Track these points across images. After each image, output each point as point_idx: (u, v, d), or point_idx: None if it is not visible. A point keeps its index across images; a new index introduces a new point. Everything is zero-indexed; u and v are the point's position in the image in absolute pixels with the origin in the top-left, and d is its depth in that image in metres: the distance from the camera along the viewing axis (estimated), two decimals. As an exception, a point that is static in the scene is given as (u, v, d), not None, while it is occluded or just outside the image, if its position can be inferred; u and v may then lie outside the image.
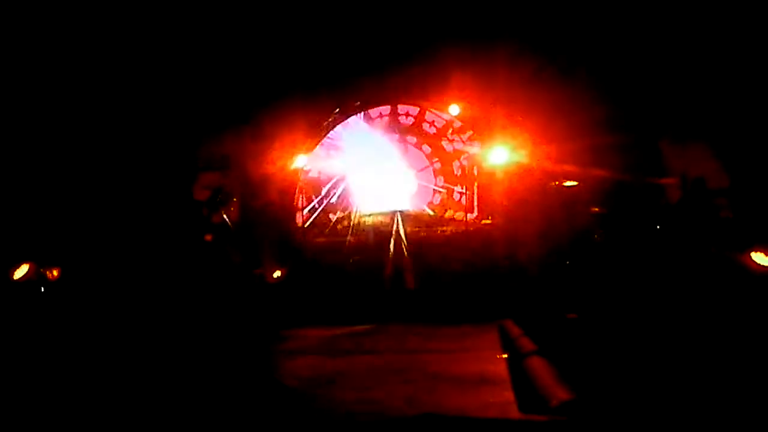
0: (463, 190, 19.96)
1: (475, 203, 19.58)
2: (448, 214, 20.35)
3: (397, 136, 19.29)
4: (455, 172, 20.46)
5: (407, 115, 19.51)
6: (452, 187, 20.52)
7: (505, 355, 9.44)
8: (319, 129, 17.03)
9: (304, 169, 17.51)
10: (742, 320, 10.13)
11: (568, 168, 14.76)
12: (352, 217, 18.97)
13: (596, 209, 14.77)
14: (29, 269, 13.26)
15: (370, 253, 17.57)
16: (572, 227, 14.79)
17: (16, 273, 13.04)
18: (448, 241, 18.18)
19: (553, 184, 15.24)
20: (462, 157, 19.72)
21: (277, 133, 15.88)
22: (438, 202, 20.63)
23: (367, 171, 19.54)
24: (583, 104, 14.04)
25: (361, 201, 19.57)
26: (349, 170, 19.34)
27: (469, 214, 19.24)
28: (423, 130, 19.65)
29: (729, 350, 9.02)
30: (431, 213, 20.44)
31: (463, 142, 18.28)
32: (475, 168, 19.14)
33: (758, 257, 11.49)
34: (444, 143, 19.30)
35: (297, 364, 9.38)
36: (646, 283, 12.30)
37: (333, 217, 18.63)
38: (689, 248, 12.80)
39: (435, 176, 20.63)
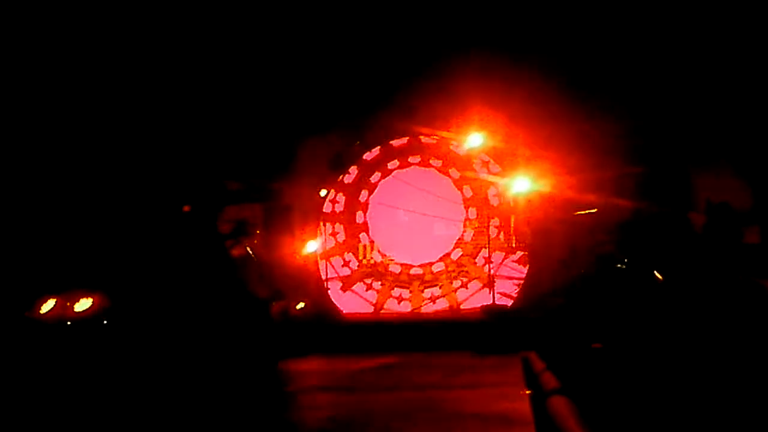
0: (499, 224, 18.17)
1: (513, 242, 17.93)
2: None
3: (418, 158, 18.36)
4: (491, 202, 18.32)
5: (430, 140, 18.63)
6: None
7: (528, 392, 9.35)
8: (341, 161, 17.13)
9: (328, 200, 17.54)
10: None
11: (591, 197, 14.71)
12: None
13: (618, 236, 14.67)
14: (56, 303, 13.37)
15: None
16: (595, 255, 14.69)
17: (42, 307, 13.12)
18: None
19: (576, 213, 15.18)
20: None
21: (300, 166, 16.05)
22: (470, 239, 18.58)
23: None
24: (606, 134, 14.02)
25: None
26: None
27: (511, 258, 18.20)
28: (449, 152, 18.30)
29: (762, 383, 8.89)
30: None
31: (489, 171, 17.59)
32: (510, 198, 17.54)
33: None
34: (476, 165, 17.91)
35: (317, 400, 9.37)
36: (672, 311, 12.17)
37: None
38: (715, 275, 12.67)
39: (466, 207, 18.54)
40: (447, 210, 18.07)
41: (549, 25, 14.38)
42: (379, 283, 17.82)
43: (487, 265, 17.45)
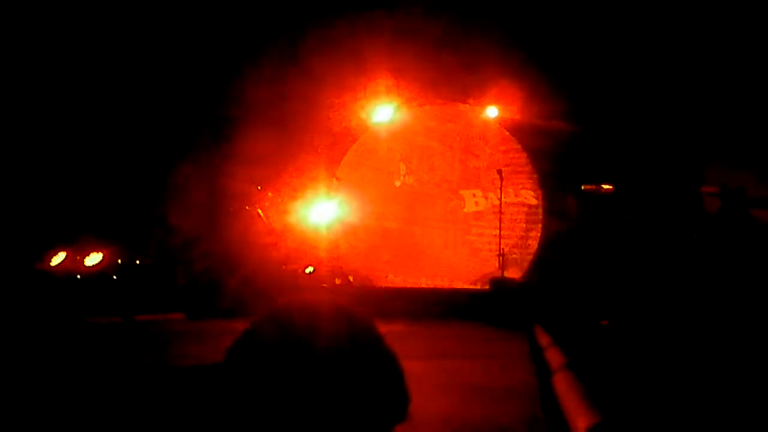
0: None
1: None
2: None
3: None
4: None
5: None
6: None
7: (532, 366, 9.39)
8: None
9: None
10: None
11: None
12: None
13: (631, 216, 14.63)
14: (66, 256, 13.44)
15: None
16: (606, 233, 14.67)
17: (53, 260, 13.20)
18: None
19: (588, 187, 15.11)
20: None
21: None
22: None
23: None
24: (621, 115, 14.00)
25: None
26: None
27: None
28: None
29: None
30: None
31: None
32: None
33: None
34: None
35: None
36: (682, 292, 12.16)
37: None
38: (727, 258, 12.64)
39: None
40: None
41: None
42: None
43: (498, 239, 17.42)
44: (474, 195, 17.76)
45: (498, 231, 16.76)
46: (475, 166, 17.66)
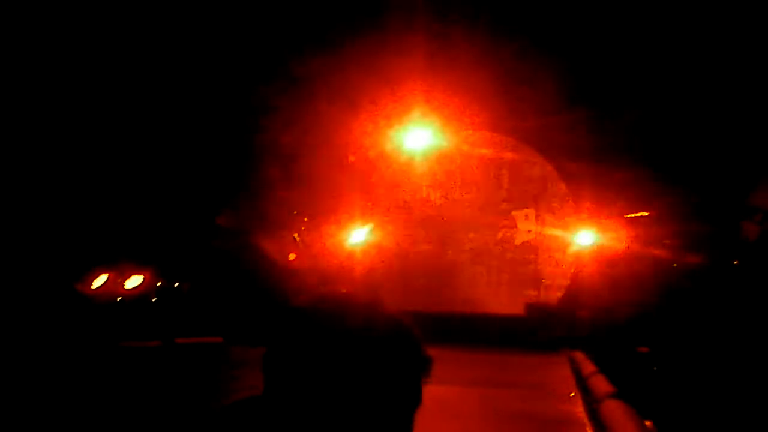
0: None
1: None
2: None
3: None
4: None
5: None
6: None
7: (573, 394, 9.32)
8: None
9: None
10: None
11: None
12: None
13: (669, 241, 14.52)
14: (107, 279, 13.39)
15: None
16: (645, 258, 14.56)
17: (94, 282, 13.13)
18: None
19: (627, 216, 15.04)
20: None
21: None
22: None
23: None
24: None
25: None
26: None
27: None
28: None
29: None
30: None
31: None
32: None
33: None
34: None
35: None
36: (722, 318, 12.03)
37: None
38: (764, 285, 12.50)
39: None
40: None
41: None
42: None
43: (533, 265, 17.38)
44: (526, 217, 17.67)
45: (536, 256, 16.82)
46: (525, 189, 17.65)
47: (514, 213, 18.01)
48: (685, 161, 13.96)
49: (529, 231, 17.54)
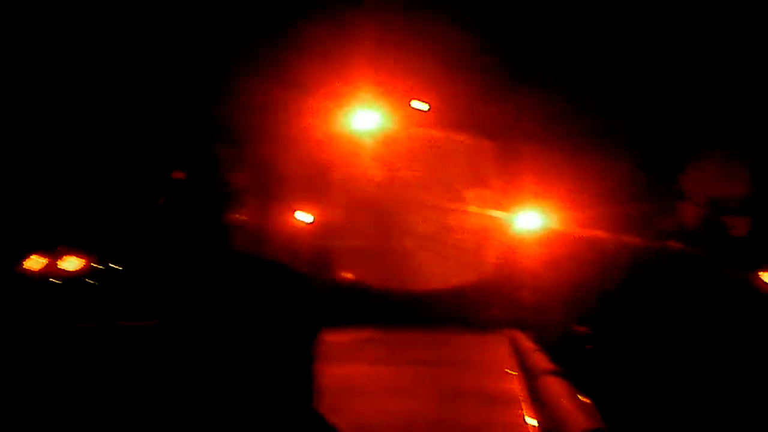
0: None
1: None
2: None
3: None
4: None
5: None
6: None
7: (515, 372, 9.48)
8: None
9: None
10: (748, 337, 10.22)
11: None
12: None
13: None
14: (44, 261, 13.25)
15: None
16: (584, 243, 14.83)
17: (31, 264, 12.99)
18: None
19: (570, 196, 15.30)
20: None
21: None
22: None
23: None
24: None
25: None
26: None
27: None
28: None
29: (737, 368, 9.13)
30: None
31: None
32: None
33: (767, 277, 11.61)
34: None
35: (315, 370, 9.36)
36: (657, 300, 12.35)
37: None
38: (701, 267, 12.86)
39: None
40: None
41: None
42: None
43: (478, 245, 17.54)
44: (473, 197, 17.72)
45: (481, 237, 16.97)
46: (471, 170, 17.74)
47: (460, 194, 18.14)
48: (625, 143, 14.26)
49: (475, 211, 17.68)
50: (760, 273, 11.97)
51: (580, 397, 6.75)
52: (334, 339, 11.98)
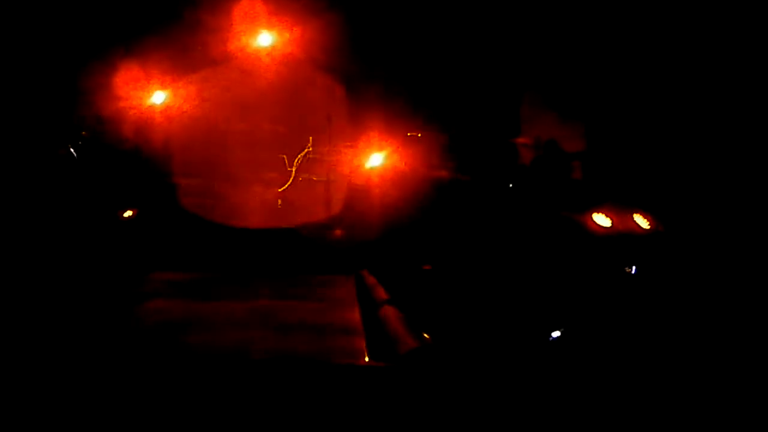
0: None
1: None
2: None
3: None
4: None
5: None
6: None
7: (357, 304, 9.73)
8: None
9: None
10: (577, 278, 10.87)
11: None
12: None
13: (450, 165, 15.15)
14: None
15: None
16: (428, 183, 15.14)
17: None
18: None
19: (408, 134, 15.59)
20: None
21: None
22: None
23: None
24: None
25: None
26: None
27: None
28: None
29: (560, 303, 9.75)
30: None
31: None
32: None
33: (598, 218, 12.26)
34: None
35: (152, 307, 9.26)
36: (497, 240, 12.84)
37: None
38: (538, 207, 13.44)
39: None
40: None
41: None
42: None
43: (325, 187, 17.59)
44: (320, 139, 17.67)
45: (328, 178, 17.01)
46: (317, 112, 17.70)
47: (308, 136, 18.06)
48: (464, 84, 14.63)
49: (322, 153, 17.72)
50: (592, 215, 12.61)
51: (414, 324, 7.03)
52: (167, 278, 11.86)
